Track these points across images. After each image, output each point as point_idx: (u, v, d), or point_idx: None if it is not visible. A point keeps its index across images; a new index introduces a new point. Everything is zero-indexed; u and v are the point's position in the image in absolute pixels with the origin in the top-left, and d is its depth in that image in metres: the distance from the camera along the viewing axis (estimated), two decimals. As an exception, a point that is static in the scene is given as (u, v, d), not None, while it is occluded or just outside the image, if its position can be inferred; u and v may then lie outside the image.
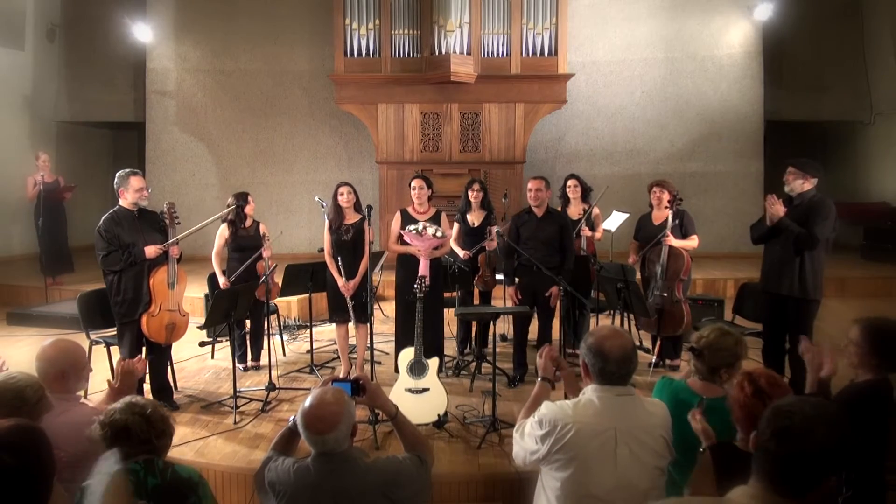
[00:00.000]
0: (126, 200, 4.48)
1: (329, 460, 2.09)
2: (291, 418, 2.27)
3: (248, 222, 5.50)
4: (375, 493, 2.08)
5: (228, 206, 5.38)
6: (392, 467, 2.17)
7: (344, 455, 2.10)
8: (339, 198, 5.02)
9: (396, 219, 5.20)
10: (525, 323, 5.14)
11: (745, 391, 2.18)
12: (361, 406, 2.61)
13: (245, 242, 5.37)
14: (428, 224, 4.87)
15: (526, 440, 2.31)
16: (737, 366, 2.66)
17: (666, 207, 5.25)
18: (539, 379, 2.61)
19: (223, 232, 5.42)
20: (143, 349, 4.60)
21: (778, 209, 4.27)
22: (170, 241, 4.50)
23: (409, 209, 5.20)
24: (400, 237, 5.05)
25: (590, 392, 2.28)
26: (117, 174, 4.51)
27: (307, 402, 2.11)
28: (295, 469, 2.13)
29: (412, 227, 4.83)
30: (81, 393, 2.76)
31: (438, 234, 4.81)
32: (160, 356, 4.71)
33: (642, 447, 2.18)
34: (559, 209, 5.96)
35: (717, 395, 2.60)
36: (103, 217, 4.45)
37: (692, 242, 5.22)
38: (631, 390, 2.28)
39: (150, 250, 4.42)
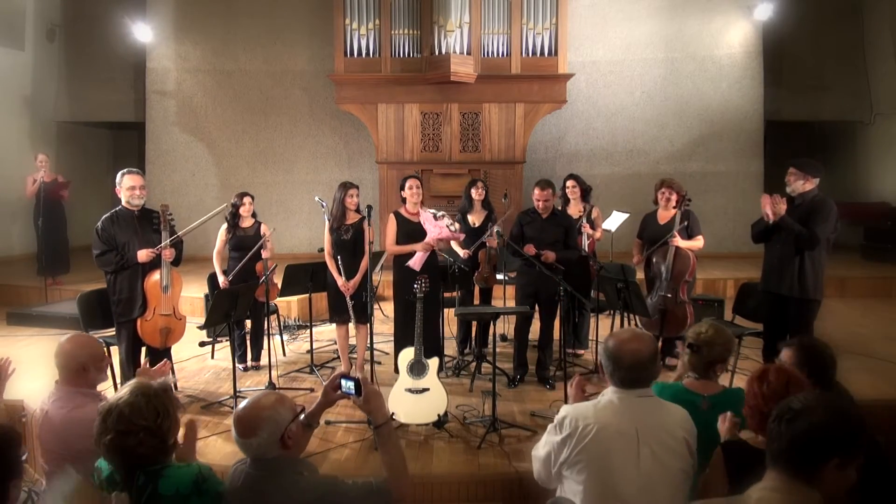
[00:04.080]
0: (122, 200, 4.50)
1: (257, 466, 2.01)
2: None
3: (249, 222, 5.50)
4: None
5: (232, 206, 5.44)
6: (328, 488, 2.02)
7: (274, 463, 2.00)
8: (349, 199, 5.03)
9: (391, 221, 5.17)
10: (526, 323, 5.13)
11: (763, 387, 2.17)
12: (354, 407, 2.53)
13: (244, 242, 5.37)
14: (447, 215, 4.96)
15: (543, 450, 2.29)
16: (728, 361, 2.72)
17: (674, 208, 5.24)
18: None
19: (223, 232, 5.45)
20: (143, 349, 4.60)
21: (781, 207, 4.25)
22: (161, 245, 4.47)
23: (402, 211, 5.18)
24: (398, 237, 5.05)
25: (609, 393, 2.26)
26: (118, 174, 4.53)
27: (246, 401, 2.07)
28: (233, 472, 2.07)
29: (433, 210, 4.93)
30: (100, 389, 2.76)
31: (453, 227, 4.90)
32: (158, 357, 4.69)
33: (664, 448, 2.16)
34: (560, 209, 5.97)
35: (716, 391, 2.61)
36: (102, 217, 4.46)
37: (698, 243, 5.21)
38: (650, 391, 2.27)
39: (143, 254, 4.41)
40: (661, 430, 2.18)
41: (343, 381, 2.18)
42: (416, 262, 4.85)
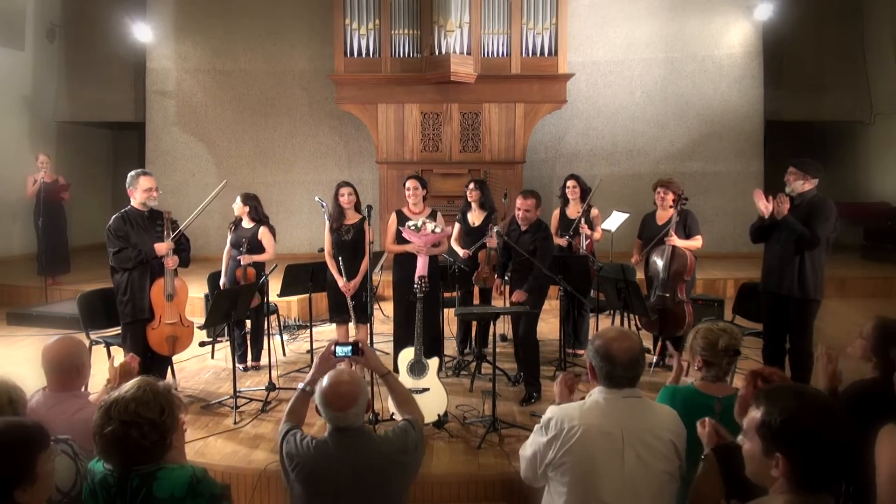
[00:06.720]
0: (136, 200, 4.52)
1: (346, 435, 2.27)
2: (301, 385, 2.52)
3: (249, 223, 5.51)
4: (388, 461, 2.30)
5: None
6: (400, 436, 2.37)
7: (359, 429, 2.31)
8: (340, 198, 5.03)
9: (392, 220, 5.18)
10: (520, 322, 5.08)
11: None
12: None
13: (241, 242, 5.40)
14: (427, 220, 4.88)
15: (529, 451, 2.29)
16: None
17: (670, 207, 5.25)
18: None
19: (230, 232, 5.54)
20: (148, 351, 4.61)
21: (784, 207, 4.24)
22: (173, 235, 4.50)
23: (405, 210, 5.19)
24: (397, 236, 5.04)
25: (596, 393, 2.26)
26: (129, 175, 4.55)
27: (325, 383, 2.27)
28: (315, 445, 2.27)
29: (411, 223, 4.84)
30: (90, 390, 2.75)
31: (437, 229, 4.81)
32: (161, 360, 4.71)
33: (649, 450, 2.15)
34: (558, 209, 5.97)
35: (730, 393, 2.60)
36: (113, 216, 4.48)
37: (696, 243, 5.21)
38: (638, 392, 2.26)
39: (161, 246, 4.45)
40: (647, 432, 2.17)
41: (338, 348, 2.57)
42: (420, 268, 4.82)
